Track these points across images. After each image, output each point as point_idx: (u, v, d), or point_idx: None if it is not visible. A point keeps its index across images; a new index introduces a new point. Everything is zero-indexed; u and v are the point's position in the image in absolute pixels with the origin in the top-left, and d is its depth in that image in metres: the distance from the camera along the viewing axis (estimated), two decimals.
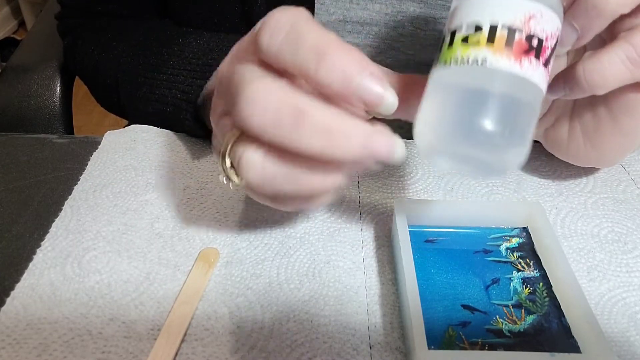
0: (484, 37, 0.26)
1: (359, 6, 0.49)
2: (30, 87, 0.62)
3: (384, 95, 0.24)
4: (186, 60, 0.44)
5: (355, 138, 0.24)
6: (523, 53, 0.25)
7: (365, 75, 0.24)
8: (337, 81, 0.24)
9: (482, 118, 0.24)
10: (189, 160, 0.45)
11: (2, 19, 2.24)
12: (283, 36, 0.24)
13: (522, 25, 0.26)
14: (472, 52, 0.26)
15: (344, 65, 0.23)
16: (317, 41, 0.24)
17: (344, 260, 0.37)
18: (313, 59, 0.24)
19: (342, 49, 0.24)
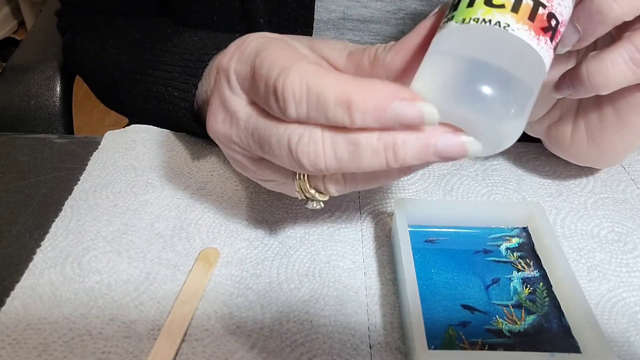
0: (510, 2, 0.25)
1: (360, 4, 0.49)
2: (30, 87, 0.62)
3: (422, 113, 0.24)
4: (179, 56, 0.44)
5: (411, 145, 0.24)
6: (542, 30, 0.25)
7: (396, 106, 0.24)
8: (374, 123, 0.24)
9: (491, 80, 0.24)
10: (189, 160, 0.45)
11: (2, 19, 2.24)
12: (305, 105, 0.25)
13: (547, 2, 0.26)
14: (495, 14, 0.25)
15: (372, 107, 0.24)
16: (338, 93, 0.24)
17: (344, 260, 0.37)
18: (343, 114, 0.24)
19: (364, 91, 0.24)
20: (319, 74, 0.25)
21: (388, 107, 0.24)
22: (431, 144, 0.24)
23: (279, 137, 0.26)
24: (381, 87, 0.24)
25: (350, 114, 0.24)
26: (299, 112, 0.25)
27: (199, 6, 0.51)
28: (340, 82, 0.24)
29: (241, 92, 0.29)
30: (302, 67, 0.25)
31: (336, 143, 0.25)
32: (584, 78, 0.31)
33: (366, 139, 0.24)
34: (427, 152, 0.24)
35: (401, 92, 0.24)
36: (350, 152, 0.25)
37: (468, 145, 0.25)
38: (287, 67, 0.25)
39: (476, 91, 0.24)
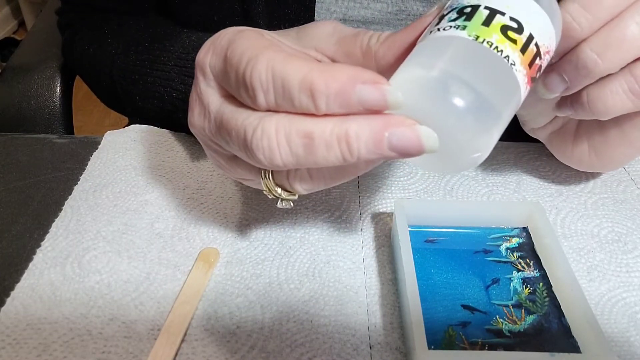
0: (521, 42, 0.25)
1: (361, 5, 0.49)
2: (30, 87, 0.62)
3: (385, 95, 0.23)
4: (176, 55, 0.44)
5: (364, 136, 0.23)
6: (530, 80, 0.26)
7: (359, 89, 0.23)
8: (339, 108, 0.24)
9: (473, 100, 0.24)
10: (188, 160, 0.45)
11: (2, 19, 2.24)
12: (273, 92, 0.24)
13: (543, 54, 0.26)
14: (507, 47, 0.25)
15: (335, 90, 0.23)
16: (301, 78, 0.24)
17: (344, 260, 0.37)
18: (308, 100, 0.24)
19: (326, 75, 0.23)
20: (284, 60, 0.24)
21: (351, 90, 0.23)
22: (385, 136, 0.23)
23: (237, 130, 0.26)
24: (344, 70, 0.23)
25: (314, 99, 0.23)
26: (268, 100, 0.25)
27: (199, 7, 0.51)
28: (304, 67, 0.24)
29: (215, 85, 0.28)
30: (269, 54, 0.25)
31: (290, 136, 0.24)
32: (585, 104, 0.32)
33: (320, 131, 0.24)
34: (382, 145, 0.23)
35: (364, 74, 0.23)
36: (305, 146, 0.24)
37: (425, 138, 0.23)
38: (255, 56, 0.25)
39: (456, 101, 0.23)
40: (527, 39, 0.25)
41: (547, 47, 0.26)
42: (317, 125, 0.24)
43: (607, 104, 0.31)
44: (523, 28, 0.25)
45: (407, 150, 0.24)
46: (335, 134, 0.24)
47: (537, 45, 0.26)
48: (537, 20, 0.26)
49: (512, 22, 0.25)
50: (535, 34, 0.26)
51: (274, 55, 0.25)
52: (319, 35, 0.30)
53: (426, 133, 0.24)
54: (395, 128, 0.23)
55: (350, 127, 0.23)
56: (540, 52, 0.26)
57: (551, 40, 0.27)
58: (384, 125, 0.23)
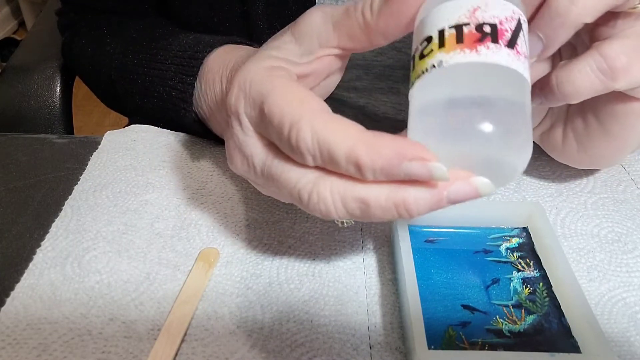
0: (435, 43, 0.25)
1: None
2: (30, 87, 0.62)
3: (431, 172, 0.24)
4: (173, 53, 0.44)
5: (423, 200, 0.24)
6: (477, 41, 0.25)
7: (405, 167, 0.24)
8: (385, 178, 0.24)
9: (461, 121, 0.23)
10: (189, 160, 0.45)
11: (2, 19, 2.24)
12: (320, 158, 0.25)
13: (468, 19, 0.25)
14: (427, 61, 0.25)
15: (380, 167, 0.24)
16: (347, 153, 0.24)
17: (344, 260, 0.37)
18: (355, 171, 0.24)
19: (371, 151, 0.24)
20: (327, 127, 0.25)
21: (397, 167, 0.24)
22: (444, 195, 0.24)
23: (290, 190, 0.27)
24: (388, 145, 0.24)
25: (361, 171, 0.24)
26: (317, 163, 0.26)
27: (199, 8, 0.51)
28: (348, 138, 0.24)
29: (254, 134, 0.29)
30: (310, 119, 0.25)
31: (346, 201, 0.25)
32: (554, 87, 0.31)
33: (375, 198, 0.25)
34: (441, 203, 0.24)
35: (409, 150, 0.24)
36: (361, 210, 0.25)
37: (481, 188, 0.24)
38: (297, 121, 0.25)
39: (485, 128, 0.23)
40: (440, 36, 0.25)
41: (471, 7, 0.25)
42: (372, 191, 0.25)
43: (575, 84, 0.30)
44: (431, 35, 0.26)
45: (465, 200, 0.25)
46: (392, 200, 0.24)
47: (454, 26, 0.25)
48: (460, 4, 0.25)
49: (422, 43, 0.26)
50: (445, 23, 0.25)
51: (315, 119, 0.25)
52: (315, 31, 0.29)
53: (482, 183, 0.24)
54: (452, 186, 0.24)
55: (408, 194, 0.24)
56: (461, 23, 0.25)
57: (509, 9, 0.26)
58: (442, 186, 0.24)
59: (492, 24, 0.25)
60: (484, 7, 0.25)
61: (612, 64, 0.29)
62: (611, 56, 0.29)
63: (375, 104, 0.55)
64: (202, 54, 0.41)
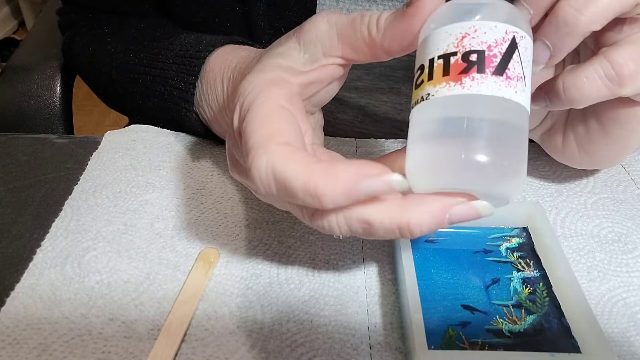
0: (426, 74, 0.26)
1: (362, 7, 0.49)
2: (30, 87, 0.62)
3: (389, 184, 0.24)
4: (174, 53, 0.44)
5: (426, 224, 0.25)
6: (462, 72, 0.25)
7: (362, 183, 0.24)
8: (347, 203, 0.24)
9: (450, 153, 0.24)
10: (189, 160, 0.45)
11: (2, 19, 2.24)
12: (275, 191, 0.25)
13: (456, 48, 0.25)
14: (419, 92, 0.26)
15: (340, 193, 0.24)
16: (304, 184, 0.24)
17: (344, 260, 0.37)
18: (313, 201, 0.24)
19: (328, 181, 0.24)
20: (285, 160, 0.24)
21: (357, 190, 0.24)
22: (445, 218, 0.25)
23: (293, 208, 0.27)
24: (345, 170, 0.24)
25: (320, 201, 0.24)
26: (269, 194, 0.25)
27: (200, 9, 0.50)
28: (305, 171, 0.24)
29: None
30: (270, 149, 0.25)
31: (350, 221, 0.25)
32: (560, 92, 0.31)
33: (379, 221, 0.25)
34: (443, 225, 0.25)
35: (366, 169, 0.24)
36: (365, 229, 0.25)
37: (481, 210, 0.25)
38: (257, 148, 0.25)
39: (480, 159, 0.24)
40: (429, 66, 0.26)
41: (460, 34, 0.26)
42: (375, 214, 0.25)
43: (582, 90, 0.30)
44: (423, 64, 0.26)
45: (465, 221, 0.25)
46: (396, 223, 0.25)
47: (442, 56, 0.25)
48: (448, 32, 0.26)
49: (417, 72, 0.27)
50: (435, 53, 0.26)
51: (275, 150, 0.25)
52: (319, 39, 0.29)
53: (482, 205, 0.25)
54: (454, 209, 0.25)
55: (411, 217, 0.25)
56: (449, 53, 0.25)
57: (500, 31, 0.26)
58: (444, 209, 0.25)
59: (479, 50, 0.25)
60: (473, 33, 0.25)
61: (620, 70, 0.29)
62: (619, 63, 0.29)
63: (375, 104, 0.55)
64: (203, 54, 0.41)
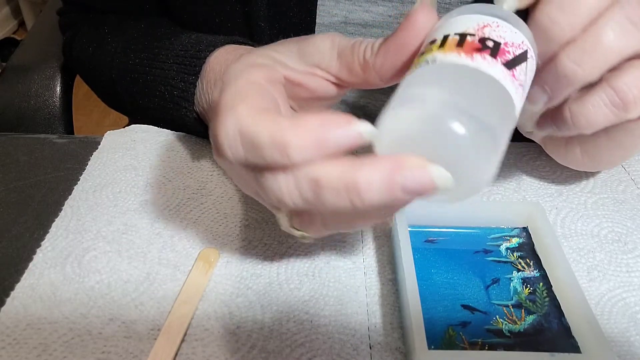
0: (437, 44, 0.26)
1: (362, 8, 0.49)
2: (30, 87, 0.62)
3: (360, 133, 0.23)
4: (175, 52, 0.44)
5: (375, 183, 0.23)
6: (475, 50, 0.25)
7: (331, 132, 0.23)
8: (313, 154, 0.23)
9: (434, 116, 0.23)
10: (189, 160, 0.45)
11: (2, 19, 2.24)
12: (242, 150, 0.25)
13: (475, 31, 0.25)
14: (424, 57, 0.25)
15: (306, 140, 0.23)
16: (271, 136, 0.23)
17: (344, 260, 0.37)
18: (280, 156, 0.23)
19: (295, 128, 0.23)
20: (253, 117, 0.24)
21: (325, 138, 0.23)
22: (397, 181, 0.23)
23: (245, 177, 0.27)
24: (313, 121, 0.23)
25: (288, 155, 0.23)
26: (237, 157, 0.25)
27: (201, 9, 0.50)
28: (273, 124, 0.24)
29: None
30: (238, 110, 0.25)
31: (299, 180, 0.24)
32: (568, 120, 0.31)
33: (327, 178, 0.23)
34: (394, 190, 0.23)
35: (335, 120, 0.23)
36: (314, 192, 0.24)
37: (437, 178, 0.23)
38: (226, 110, 0.25)
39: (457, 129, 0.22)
40: (443, 39, 0.25)
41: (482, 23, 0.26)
42: (324, 170, 0.24)
43: (589, 118, 0.31)
44: (436, 38, 0.26)
45: (420, 191, 0.23)
46: (344, 182, 0.23)
47: (459, 34, 0.25)
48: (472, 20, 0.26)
49: (425, 44, 0.26)
50: (453, 30, 0.26)
51: (244, 111, 0.25)
52: (320, 52, 0.30)
53: (438, 172, 0.23)
54: (406, 171, 0.23)
55: (359, 175, 0.23)
56: (467, 33, 0.25)
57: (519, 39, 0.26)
58: (394, 169, 0.23)
59: (496, 41, 0.25)
60: (494, 26, 0.26)
61: (625, 97, 0.30)
62: (623, 90, 0.30)
63: (375, 104, 0.55)
64: (204, 54, 0.41)
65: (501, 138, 0.24)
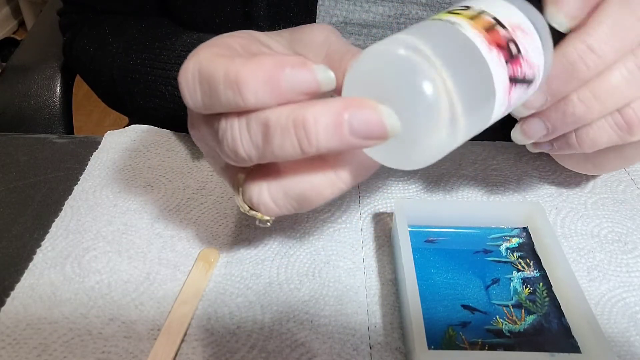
0: (468, 14, 0.25)
1: (362, 8, 0.49)
2: (30, 87, 0.62)
3: (315, 75, 0.23)
4: (176, 53, 0.44)
5: (322, 120, 0.22)
6: (497, 45, 0.24)
7: (286, 73, 0.22)
8: (271, 99, 0.23)
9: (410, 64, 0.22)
10: (189, 160, 0.45)
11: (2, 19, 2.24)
12: (199, 92, 0.24)
13: (509, 26, 0.25)
14: (451, 17, 0.25)
15: (262, 80, 0.23)
16: (225, 72, 0.23)
17: (344, 260, 0.37)
18: (235, 95, 0.23)
19: (251, 66, 0.23)
20: (212, 58, 0.24)
21: (279, 77, 0.22)
22: (345, 119, 0.22)
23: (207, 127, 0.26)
24: (268, 58, 0.23)
25: (241, 93, 0.23)
26: (195, 101, 0.24)
27: (201, 9, 0.51)
28: (229, 62, 0.23)
29: None
30: (200, 53, 0.24)
31: (249, 124, 0.24)
32: (572, 141, 0.32)
33: (276, 117, 0.23)
34: (342, 130, 0.22)
35: (290, 59, 0.23)
36: (263, 134, 0.23)
37: (387, 119, 0.22)
38: (190, 56, 0.25)
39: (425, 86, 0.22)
40: (477, 13, 0.25)
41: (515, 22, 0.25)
42: (274, 111, 0.23)
43: (594, 139, 0.31)
44: (471, 6, 0.25)
45: (369, 133, 0.22)
46: (292, 118, 0.22)
47: (494, 18, 0.25)
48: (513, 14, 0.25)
49: (459, 5, 0.25)
50: (490, 10, 0.25)
51: (206, 53, 0.24)
52: (310, 44, 0.29)
53: (388, 114, 0.22)
54: (355, 110, 0.22)
55: (307, 111, 0.22)
56: (503, 23, 0.25)
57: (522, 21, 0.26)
58: (344, 107, 0.22)
59: (519, 48, 0.25)
60: (527, 34, 0.26)
61: (629, 119, 0.30)
62: (628, 112, 0.30)
63: None
64: None
65: (462, 124, 0.23)
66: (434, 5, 0.48)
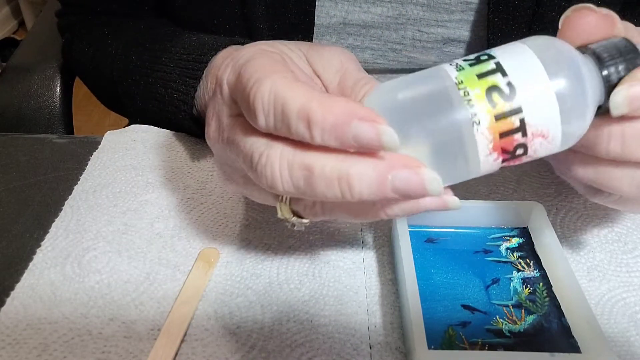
0: (501, 108, 0.24)
1: (361, 9, 0.49)
2: (30, 87, 0.62)
3: (380, 135, 0.23)
4: (177, 56, 0.44)
5: (366, 179, 0.23)
6: (499, 149, 0.24)
7: (355, 126, 0.23)
8: (334, 141, 0.23)
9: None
10: (189, 160, 0.45)
11: (2, 19, 2.24)
12: (272, 116, 0.24)
13: (529, 133, 0.24)
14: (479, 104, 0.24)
15: (331, 124, 0.23)
16: (300, 106, 0.23)
17: (344, 260, 0.37)
18: (304, 129, 0.23)
19: (324, 107, 0.23)
20: (287, 85, 0.24)
21: (347, 125, 0.23)
22: (388, 179, 0.23)
23: (245, 153, 0.26)
24: (341, 104, 0.23)
25: (310, 129, 0.23)
26: (268, 123, 0.25)
27: (199, 10, 0.50)
28: (305, 95, 0.24)
29: (230, 102, 0.29)
30: (275, 77, 0.25)
31: (292, 167, 0.24)
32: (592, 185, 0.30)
33: (320, 166, 0.24)
34: (385, 188, 0.23)
35: (362, 111, 0.23)
36: (305, 179, 0.24)
37: (428, 182, 0.23)
38: (262, 77, 0.25)
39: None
40: (511, 110, 0.24)
41: (540, 130, 0.24)
42: (318, 159, 0.24)
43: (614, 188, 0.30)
44: (514, 97, 0.24)
45: (409, 194, 0.23)
46: (337, 173, 0.23)
47: (522, 121, 0.24)
48: (538, 99, 0.24)
49: (507, 87, 0.24)
50: (523, 107, 0.24)
51: (280, 79, 0.25)
52: (326, 66, 0.30)
53: (430, 177, 0.23)
54: (399, 171, 0.23)
55: (352, 167, 0.23)
56: (527, 130, 0.24)
57: (551, 127, 0.24)
58: (388, 168, 0.23)
59: (527, 153, 0.25)
60: (548, 138, 0.25)
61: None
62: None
63: None
64: (206, 57, 0.41)
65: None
66: (434, 6, 0.48)
